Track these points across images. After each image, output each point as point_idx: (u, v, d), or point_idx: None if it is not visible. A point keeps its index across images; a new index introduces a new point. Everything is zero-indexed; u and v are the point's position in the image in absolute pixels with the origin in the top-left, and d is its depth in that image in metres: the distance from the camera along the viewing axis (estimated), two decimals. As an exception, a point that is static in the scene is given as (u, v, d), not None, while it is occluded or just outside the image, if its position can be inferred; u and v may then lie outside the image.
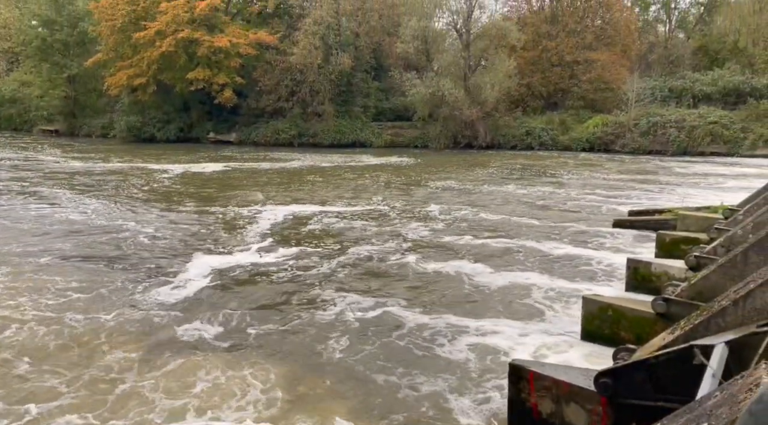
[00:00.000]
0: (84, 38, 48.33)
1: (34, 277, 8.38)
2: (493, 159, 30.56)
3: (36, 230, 11.93)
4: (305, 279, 8.44)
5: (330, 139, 40.46)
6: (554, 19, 42.94)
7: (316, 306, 7.27)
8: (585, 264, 9.30)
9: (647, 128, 34.37)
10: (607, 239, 11.11)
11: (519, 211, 14.37)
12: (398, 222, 12.89)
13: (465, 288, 8.09)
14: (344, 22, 41.15)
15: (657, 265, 7.40)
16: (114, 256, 9.80)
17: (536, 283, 8.21)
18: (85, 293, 7.63)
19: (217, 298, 7.58)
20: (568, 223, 12.75)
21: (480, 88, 37.54)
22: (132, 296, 7.63)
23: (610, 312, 5.92)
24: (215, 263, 9.24)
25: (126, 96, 44.17)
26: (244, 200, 15.87)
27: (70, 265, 9.17)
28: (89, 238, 11.22)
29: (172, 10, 39.26)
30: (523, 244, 10.65)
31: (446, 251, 10.21)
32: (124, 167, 25.48)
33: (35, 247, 10.37)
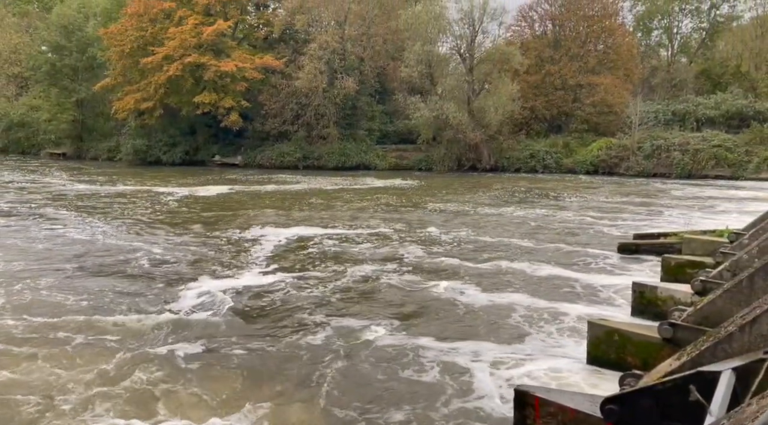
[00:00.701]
0: (93, 63, 49.08)
1: (40, 294, 8.42)
2: (496, 182, 30.63)
3: (44, 251, 12.04)
4: (302, 302, 8.39)
5: (334, 162, 40.68)
6: (557, 43, 43.41)
7: (310, 330, 7.21)
8: (588, 288, 9.24)
9: (651, 151, 34.46)
10: (611, 263, 11.05)
11: (520, 234, 14.34)
12: (398, 245, 12.86)
13: (465, 312, 8.04)
14: (349, 47, 41.69)
15: (663, 289, 7.35)
16: (118, 276, 9.81)
17: (539, 306, 8.15)
18: (88, 312, 7.63)
19: (214, 320, 7.55)
20: (572, 246, 12.71)
21: (484, 111, 37.82)
22: (129, 315, 7.62)
23: (616, 337, 5.86)
24: (216, 285, 9.22)
25: (133, 120, 44.63)
26: (247, 223, 15.90)
27: (78, 284, 9.28)
28: (95, 259, 11.27)
29: (180, 35, 39.89)
30: (525, 267, 10.61)
31: (444, 274, 10.17)
32: (129, 190, 25.64)
33: (43, 266, 10.47)
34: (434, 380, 5.80)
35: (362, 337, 6.97)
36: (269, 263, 10.94)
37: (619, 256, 11.62)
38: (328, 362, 6.20)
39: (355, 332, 7.15)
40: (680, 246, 10.17)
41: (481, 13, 39.66)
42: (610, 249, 12.19)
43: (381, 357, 6.38)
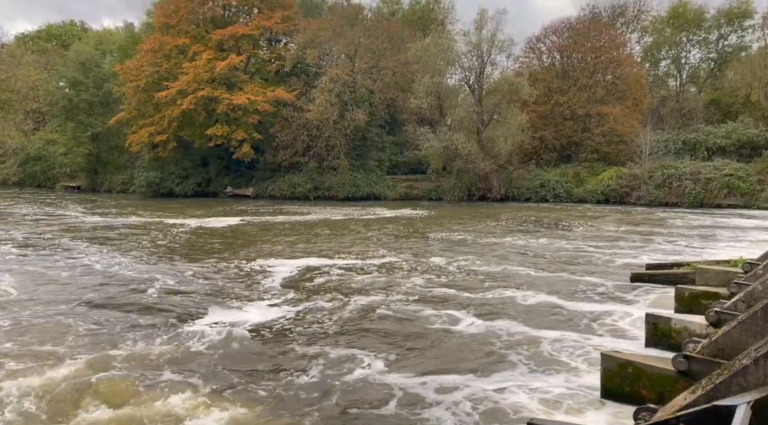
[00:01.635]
0: (108, 98, 50.20)
1: (51, 321, 8.45)
2: (506, 211, 30.57)
3: (58, 280, 12.23)
4: (307, 335, 8.32)
5: (345, 192, 40.91)
6: (565, 74, 43.82)
7: (315, 362, 7.14)
8: (599, 318, 9.11)
9: (662, 180, 34.33)
10: (622, 293, 10.91)
11: (527, 263, 14.23)
12: (404, 275, 12.79)
13: (472, 343, 7.93)
14: (359, 80, 42.35)
15: (677, 320, 7.22)
16: (129, 306, 9.84)
17: (550, 337, 8.02)
18: (98, 339, 7.62)
19: (221, 351, 7.51)
20: (583, 276, 12.58)
21: (493, 141, 38.04)
22: (138, 344, 7.60)
23: (630, 369, 5.75)
24: (225, 317, 9.18)
25: (147, 152, 45.35)
26: (257, 254, 15.93)
27: (89, 313, 9.39)
28: (107, 289, 11.34)
29: (194, 70, 40.77)
30: (533, 298, 10.49)
31: (451, 305, 10.07)
32: (142, 222, 25.86)
33: (58, 295, 10.67)
34: (444, 412, 5.69)
35: (363, 371, 6.88)
36: (277, 295, 10.91)
37: (631, 286, 11.47)
38: (329, 395, 6.12)
39: (356, 365, 7.06)
40: (694, 276, 10.02)
41: (489, 46, 40.25)
42: (623, 279, 12.05)
43: (385, 390, 6.28)
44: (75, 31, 75.32)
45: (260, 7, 46.76)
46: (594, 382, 6.12)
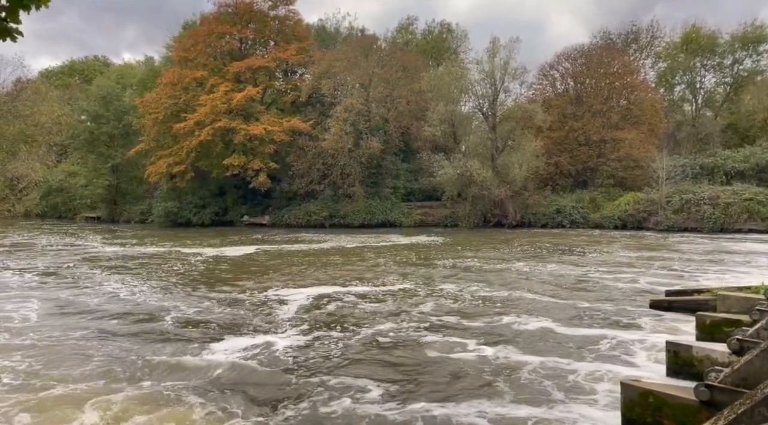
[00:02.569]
0: (128, 130, 51.32)
1: (68, 347, 8.49)
2: (521, 237, 30.35)
3: (79, 308, 12.52)
4: (315, 365, 8.26)
5: (360, 219, 41.01)
6: (579, 100, 43.91)
7: (320, 392, 7.08)
8: (618, 346, 8.92)
9: (680, 205, 33.93)
10: (641, 320, 10.70)
11: (543, 290, 14.05)
12: (415, 303, 12.68)
13: (485, 373, 7.79)
14: (374, 109, 42.83)
15: (698, 348, 7.05)
16: (146, 334, 9.91)
17: (567, 367, 7.87)
18: (114, 365, 7.64)
19: (234, 379, 7.48)
20: (600, 303, 12.38)
21: (508, 167, 38.02)
22: (153, 372, 7.60)
23: (651, 399, 5.61)
24: (240, 345, 9.20)
25: (165, 183, 46.04)
26: (272, 283, 15.95)
27: (109, 341, 9.53)
28: (126, 317, 11.54)
29: (211, 102, 41.58)
30: (550, 326, 10.33)
31: (461, 333, 9.94)
32: (160, 252, 26.09)
33: (78, 322, 10.96)
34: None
35: (364, 400, 6.79)
36: (291, 324, 10.88)
37: (650, 313, 11.26)
38: (330, 421, 6.05)
39: (359, 393, 6.98)
40: (715, 303, 9.81)
41: (502, 73, 40.56)
42: (641, 305, 11.84)
43: (397, 422, 6.18)
44: (97, 66, 77.53)
45: (276, 39, 47.83)
46: (613, 413, 5.98)
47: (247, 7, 45.98)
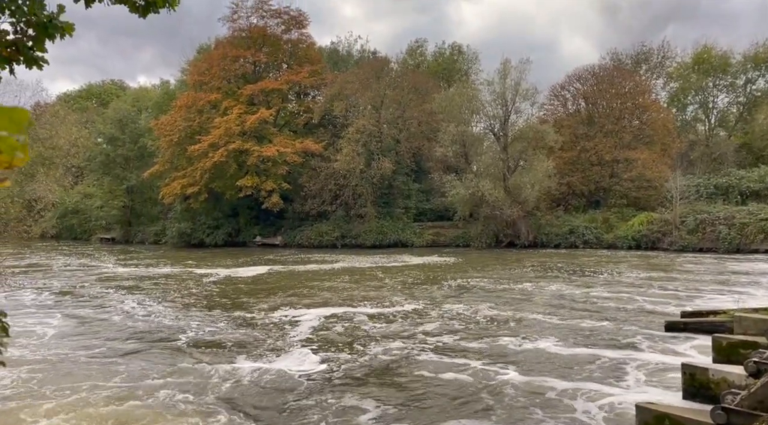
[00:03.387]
0: (143, 152, 52.02)
1: (83, 367, 8.57)
2: (533, 258, 30.16)
3: (95, 326, 12.92)
4: (322, 386, 8.26)
5: (372, 240, 41.02)
6: (591, 120, 43.92)
7: (323, 412, 7.06)
8: (633, 368, 8.81)
9: (695, 225, 33.58)
10: (656, 342, 10.57)
11: (555, 311, 13.93)
12: (424, 324, 12.63)
13: (495, 395, 7.73)
14: (385, 130, 43.12)
15: (714, 371, 6.95)
16: (160, 352, 9.94)
17: (580, 389, 7.78)
18: (126, 383, 7.68)
19: (240, 398, 7.49)
20: (614, 324, 12.25)
21: (520, 188, 37.95)
22: (169, 387, 7.62)
23: (667, 422, 5.55)
24: (249, 365, 9.22)
25: (179, 204, 46.45)
26: (283, 303, 15.98)
27: (127, 358, 9.77)
28: (141, 335, 11.76)
29: (225, 124, 42.12)
30: (561, 347, 10.23)
31: (467, 354, 9.88)
32: (174, 272, 26.26)
33: (89, 341, 11.22)
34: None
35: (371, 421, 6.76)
36: (301, 344, 10.89)
37: (665, 334, 11.11)
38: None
39: (359, 415, 6.95)
40: (731, 325, 9.66)
41: (513, 94, 40.73)
42: (656, 328, 11.70)
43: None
44: (114, 89, 78.98)
45: (289, 62, 48.52)
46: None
47: (261, 31, 46.78)
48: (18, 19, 3.10)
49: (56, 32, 3.11)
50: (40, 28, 3.07)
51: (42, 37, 3.08)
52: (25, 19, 3.08)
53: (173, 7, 3.39)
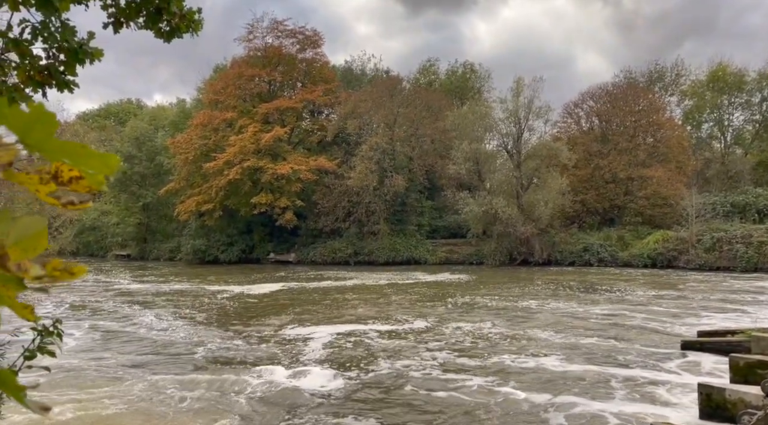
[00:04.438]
0: (159, 170, 52.75)
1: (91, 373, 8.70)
2: (547, 276, 29.95)
3: (115, 338, 13.38)
4: (333, 402, 8.29)
5: (385, 257, 41.03)
6: (605, 138, 43.82)
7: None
8: (649, 387, 8.73)
9: (711, 243, 33.21)
10: (672, 361, 10.45)
11: (565, 330, 13.83)
12: (433, 341, 12.61)
13: (506, 414, 7.69)
14: (398, 147, 43.37)
15: (731, 391, 6.89)
16: (175, 366, 10.09)
17: (595, 407, 7.72)
18: (145, 392, 7.77)
19: (257, 412, 7.54)
20: (629, 343, 12.14)
21: (533, 205, 37.86)
22: (186, 400, 7.70)
23: (683, 443, 5.50)
24: (261, 380, 9.28)
25: (194, 221, 46.89)
26: (295, 320, 16.03)
27: (145, 369, 10.13)
28: (158, 348, 12.06)
29: (240, 142, 42.63)
30: (576, 366, 10.15)
31: (475, 371, 9.84)
32: (189, 289, 26.46)
33: (113, 351, 11.77)
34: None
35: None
36: (313, 361, 10.93)
37: (681, 353, 11.00)
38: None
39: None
40: (749, 344, 9.56)
41: (526, 112, 40.85)
42: (672, 347, 11.58)
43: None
44: (131, 108, 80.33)
45: (303, 81, 49.14)
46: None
47: (276, 50, 47.51)
48: (50, 45, 3.24)
49: (86, 57, 3.24)
50: (71, 54, 3.20)
51: (73, 62, 3.22)
52: (57, 45, 3.22)
53: (196, 32, 3.54)
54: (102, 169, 0.46)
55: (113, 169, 0.47)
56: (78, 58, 3.22)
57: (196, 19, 3.47)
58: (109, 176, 0.48)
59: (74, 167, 0.45)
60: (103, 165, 0.46)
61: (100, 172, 0.46)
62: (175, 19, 3.36)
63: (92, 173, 0.45)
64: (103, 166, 0.46)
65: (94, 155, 0.45)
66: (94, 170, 0.46)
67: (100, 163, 0.46)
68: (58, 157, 0.43)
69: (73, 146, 0.44)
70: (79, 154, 0.44)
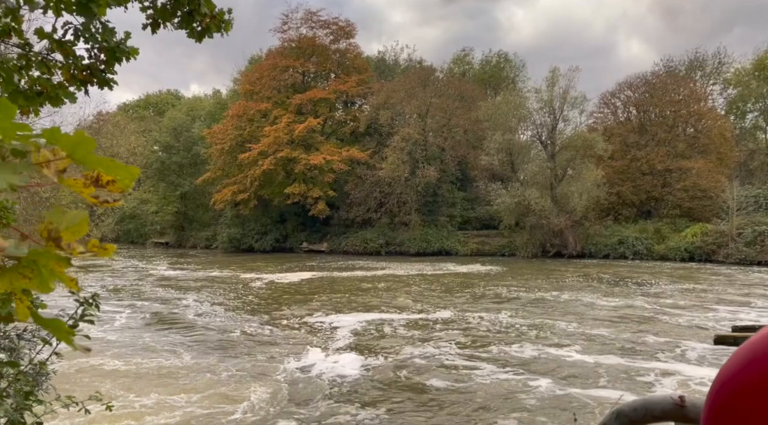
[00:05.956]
0: (196, 160, 53.98)
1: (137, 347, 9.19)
2: (579, 268, 29.62)
3: (159, 318, 14.29)
4: (358, 387, 8.51)
5: (416, 247, 41.17)
6: (642, 129, 42.84)
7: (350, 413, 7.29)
8: (683, 381, 8.68)
9: (753, 237, 32.25)
10: (704, 355, 10.34)
11: (598, 323, 13.75)
12: (458, 330, 12.72)
13: (537, 407, 7.77)
14: (430, 138, 43.30)
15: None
16: (214, 342, 10.52)
17: (615, 397, 7.75)
18: (192, 361, 8.17)
19: (285, 391, 7.83)
20: (658, 336, 12.02)
21: (567, 197, 37.38)
22: (221, 370, 8.06)
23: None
24: (294, 365, 9.59)
25: (229, 210, 47.89)
26: (326, 307, 16.36)
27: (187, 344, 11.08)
28: (198, 327, 12.74)
29: (274, 133, 43.25)
30: (603, 359, 10.14)
31: (507, 361, 9.91)
32: (225, 276, 27.17)
33: (158, 328, 12.78)
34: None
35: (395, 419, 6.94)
36: (341, 347, 11.20)
37: (714, 348, 10.86)
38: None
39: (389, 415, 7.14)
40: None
41: (561, 102, 40.24)
42: (705, 341, 11.44)
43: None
44: (169, 99, 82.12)
45: (337, 72, 49.42)
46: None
47: (310, 41, 47.87)
48: (92, 46, 3.47)
49: (124, 56, 3.47)
50: (111, 53, 3.44)
51: (112, 61, 3.45)
52: (98, 45, 3.46)
53: (227, 31, 3.73)
54: (127, 176, 0.62)
55: (135, 177, 0.62)
56: (116, 57, 3.44)
57: (225, 19, 3.67)
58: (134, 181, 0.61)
59: (110, 174, 0.61)
60: (128, 174, 0.62)
61: (127, 179, 0.62)
62: (206, 20, 3.57)
63: (121, 178, 0.61)
64: (128, 174, 0.62)
65: (121, 167, 0.61)
66: (122, 177, 0.62)
67: (126, 172, 0.62)
68: (96, 168, 0.60)
69: (105, 160, 0.61)
70: (110, 166, 0.60)
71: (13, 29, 3.36)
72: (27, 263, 0.58)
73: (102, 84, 3.44)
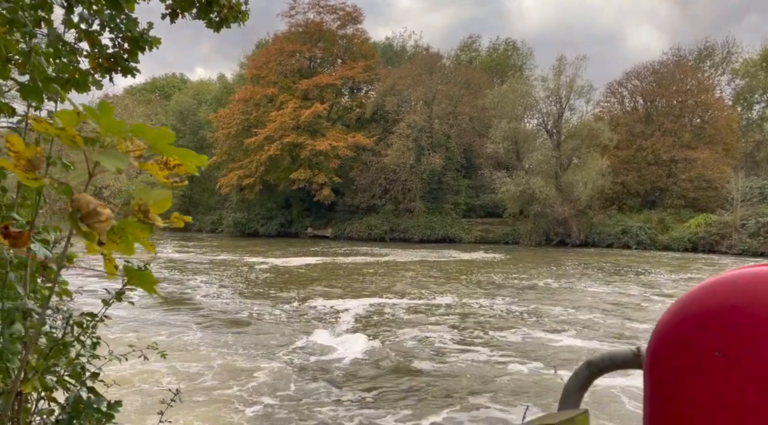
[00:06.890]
0: (202, 144, 54.20)
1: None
2: (582, 257, 29.80)
3: (168, 299, 14.57)
4: (360, 370, 8.77)
5: (420, 234, 41.40)
6: (648, 118, 42.74)
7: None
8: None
9: (757, 229, 32.32)
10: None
11: (592, 310, 13.97)
12: (460, 316, 12.97)
13: (544, 391, 8.02)
14: (436, 125, 43.34)
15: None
16: (229, 326, 10.97)
17: (623, 384, 7.97)
18: (201, 339, 8.46)
19: (290, 370, 8.09)
20: (644, 324, 12.22)
21: (572, 186, 37.45)
22: (231, 345, 8.36)
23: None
24: (299, 346, 9.88)
25: (235, 194, 48.19)
26: (331, 292, 16.63)
27: (197, 323, 11.45)
28: (205, 308, 12.97)
29: (280, 118, 43.38)
30: (592, 344, 10.37)
31: (502, 345, 10.15)
32: (231, 259, 27.48)
33: (169, 308, 13.41)
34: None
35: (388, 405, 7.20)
36: (344, 330, 11.48)
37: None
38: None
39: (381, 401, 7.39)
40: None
41: (568, 91, 40.17)
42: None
43: None
44: (176, 82, 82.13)
45: (343, 57, 49.36)
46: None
47: (317, 26, 47.79)
48: (116, 35, 3.68)
49: (146, 45, 3.67)
50: (134, 43, 3.63)
51: (135, 50, 3.65)
52: (122, 35, 3.66)
53: (243, 21, 3.92)
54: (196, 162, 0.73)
55: (203, 163, 0.71)
56: (139, 46, 3.64)
57: (242, 10, 3.85)
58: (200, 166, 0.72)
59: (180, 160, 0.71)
60: (198, 160, 0.73)
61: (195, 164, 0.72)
62: (224, 11, 3.75)
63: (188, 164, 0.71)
64: (197, 161, 0.73)
65: (192, 155, 0.70)
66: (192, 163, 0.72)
67: (197, 159, 0.73)
68: (171, 155, 0.68)
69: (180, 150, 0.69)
70: (183, 154, 0.69)
71: (44, 19, 3.57)
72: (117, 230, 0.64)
73: (125, 72, 3.63)
